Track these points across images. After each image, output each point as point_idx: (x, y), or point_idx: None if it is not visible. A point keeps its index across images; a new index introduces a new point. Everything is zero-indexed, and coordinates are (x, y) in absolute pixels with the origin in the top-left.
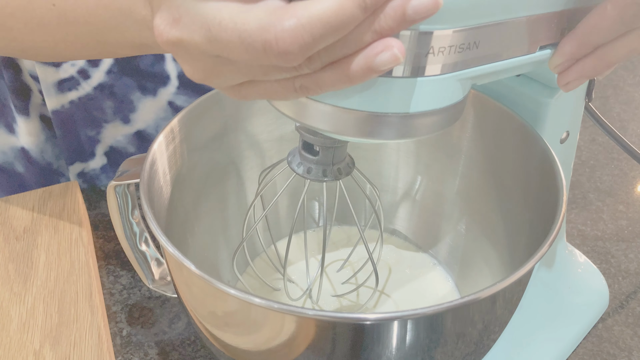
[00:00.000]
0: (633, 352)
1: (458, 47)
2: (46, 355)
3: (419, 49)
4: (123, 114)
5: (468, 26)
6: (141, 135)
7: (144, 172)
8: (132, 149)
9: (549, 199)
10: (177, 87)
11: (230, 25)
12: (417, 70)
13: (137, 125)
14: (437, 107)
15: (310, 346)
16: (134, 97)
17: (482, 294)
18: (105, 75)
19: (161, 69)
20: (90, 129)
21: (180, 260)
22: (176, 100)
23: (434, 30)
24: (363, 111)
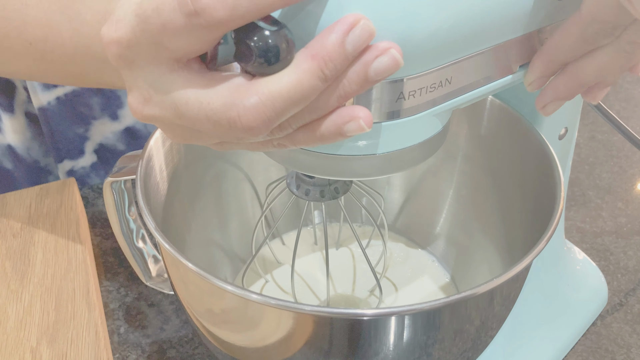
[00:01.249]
0: (632, 349)
1: (429, 88)
2: (43, 353)
3: (390, 95)
4: (111, 110)
5: (436, 67)
6: (131, 132)
7: (140, 169)
8: (122, 146)
9: (547, 194)
10: None
11: (196, 105)
12: (392, 114)
13: (125, 121)
14: (415, 143)
15: (307, 342)
16: (121, 92)
17: (480, 290)
18: None
19: None
20: (78, 126)
21: (176, 257)
22: None
23: (403, 77)
24: (342, 155)
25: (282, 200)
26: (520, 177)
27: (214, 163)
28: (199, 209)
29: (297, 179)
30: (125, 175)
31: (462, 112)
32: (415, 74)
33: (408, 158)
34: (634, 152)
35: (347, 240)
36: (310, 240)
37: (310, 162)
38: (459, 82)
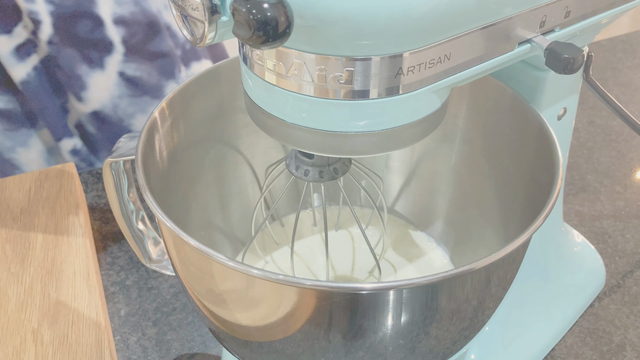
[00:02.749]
0: (629, 330)
1: (428, 64)
2: (44, 334)
3: (389, 71)
4: (74, 91)
5: (435, 42)
6: (99, 117)
7: (139, 148)
8: (92, 128)
9: (546, 174)
10: (124, 53)
11: None
12: (391, 90)
13: (92, 104)
14: (414, 120)
15: (307, 319)
16: (82, 72)
17: (477, 265)
18: (48, 46)
19: (102, 34)
20: (57, 98)
21: (176, 233)
22: (127, 70)
23: (402, 52)
24: (341, 132)
25: (282, 182)
26: (519, 158)
27: (214, 145)
28: (199, 190)
29: (296, 160)
30: (125, 156)
31: (461, 92)
32: (414, 49)
33: (407, 135)
34: (633, 137)
35: (347, 223)
36: (309, 222)
37: (308, 139)
38: (458, 59)
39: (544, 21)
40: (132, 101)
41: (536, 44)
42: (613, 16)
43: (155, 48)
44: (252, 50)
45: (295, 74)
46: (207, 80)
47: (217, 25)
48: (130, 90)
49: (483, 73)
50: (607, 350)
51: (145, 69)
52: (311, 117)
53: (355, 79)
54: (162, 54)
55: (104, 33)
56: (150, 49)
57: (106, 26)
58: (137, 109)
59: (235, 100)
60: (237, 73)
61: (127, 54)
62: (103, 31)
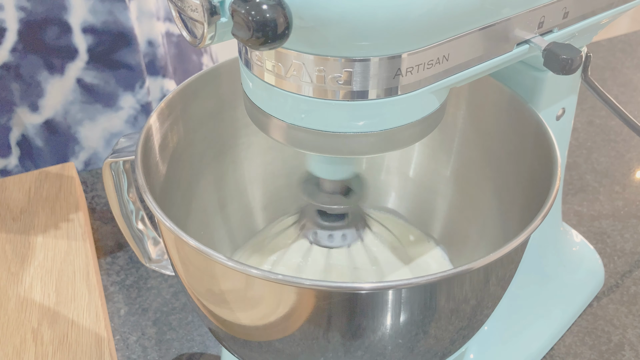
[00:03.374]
0: (627, 330)
1: (427, 64)
2: (44, 334)
3: (388, 72)
4: (31, 100)
5: (434, 44)
6: (50, 126)
7: (139, 148)
8: (40, 142)
9: (545, 174)
10: (87, 61)
11: None
12: (390, 91)
13: (45, 113)
14: (413, 120)
15: (306, 319)
16: (42, 78)
17: (475, 265)
18: (10, 54)
19: (68, 41)
20: (1, 115)
21: (176, 233)
22: (85, 77)
23: (401, 53)
24: (340, 133)
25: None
26: (517, 158)
27: (214, 145)
28: (199, 190)
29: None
30: (124, 156)
31: (459, 92)
32: (413, 50)
33: (406, 136)
34: (632, 137)
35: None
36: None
37: (308, 139)
38: (457, 59)
39: (542, 22)
40: (82, 107)
41: (534, 45)
42: (611, 17)
43: (120, 58)
44: (252, 51)
45: (294, 74)
46: (206, 81)
47: (216, 26)
48: (83, 97)
49: (482, 74)
50: (605, 350)
51: (103, 77)
52: (310, 118)
53: (354, 80)
54: (126, 65)
55: (70, 40)
56: (115, 58)
57: (74, 33)
58: (85, 115)
59: (235, 100)
60: (237, 73)
61: (90, 61)
62: (69, 38)
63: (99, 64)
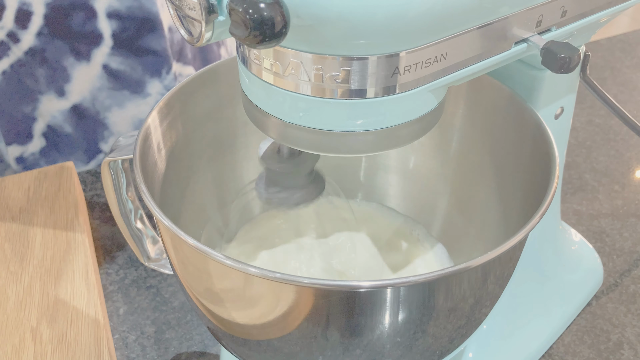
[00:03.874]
0: (626, 329)
1: (425, 63)
2: (43, 332)
3: (386, 70)
4: (57, 85)
5: (432, 42)
6: (78, 111)
7: (137, 146)
8: (69, 128)
9: (543, 172)
10: (112, 47)
11: None
12: (388, 89)
13: (72, 98)
14: (411, 119)
15: (305, 318)
16: (68, 63)
17: (473, 263)
18: (36, 38)
19: (93, 27)
20: (25, 104)
21: (174, 232)
22: (111, 63)
23: (399, 52)
24: (337, 131)
25: None
26: (516, 156)
27: (213, 144)
28: (198, 189)
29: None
30: (123, 155)
31: (458, 91)
32: (411, 49)
33: (404, 134)
34: (631, 136)
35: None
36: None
37: (306, 138)
38: (455, 58)
39: (541, 20)
40: (110, 94)
41: (533, 44)
42: (610, 15)
43: (146, 44)
44: (250, 50)
45: (292, 73)
46: (205, 80)
47: (214, 24)
48: (111, 83)
49: (480, 72)
50: (604, 349)
51: (130, 64)
52: (308, 116)
53: (352, 78)
54: (152, 51)
55: (95, 25)
56: (141, 44)
57: (99, 19)
58: (114, 102)
59: (234, 99)
60: (236, 72)
61: (115, 47)
62: (94, 23)
63: (124, 50)
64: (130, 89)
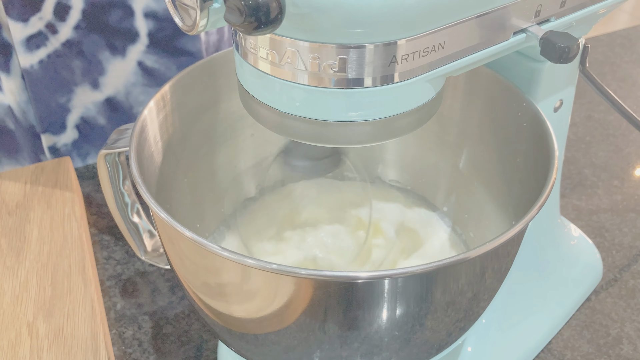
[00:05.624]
0: (625, 324)
1: (422, 52)
2: (40, 327)
3: (383, 59)
4: (92, 77)
5: (430, 30)
6: (111, 104)
7: (133, 139)
8: (103, 120)
9: (542, 164)
10: (147, 45)
11: None
12: (385, 79)
13: (106, 90)
14: (409, 109)
15: (303, 310)
16: (103, 57)
17: (472, 254)
18: (73, 30)
19: (130, 25)
20: (60, 94)
21: (171, 225)
22: (146, 60)
23: (396, 40)
24: (334, 122)
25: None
26: (515, 149)
27: (209, 137)
28: (194, 182)
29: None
30: (120, 147)
31: (456, 83)
32: (409, 37)
33: (402, 124)
34: (631, 131)
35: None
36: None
37: (302, 129)
38: (453, 47)
39: (539, 10)
40: (144, 90)
41: (531, 34)
42: (609, 7)
43: (181, 45)
44: (245, 39)
45: (288, 62)
46: (201, 73)
47: (208, 12)
48: (145, 79)
49: (478, 63)
50: (603, 344)
51: (164, 63)
52: (305, 106)
53: (349, 67)
54: (187, 52)
55: (132, 23)
56: (176, 45)
57: (136, 17)
58: (148, 98)
59: (231, 92)
60: (232, 65)
61: (151, 45)
62: (131, 21)
63: (159, 49)
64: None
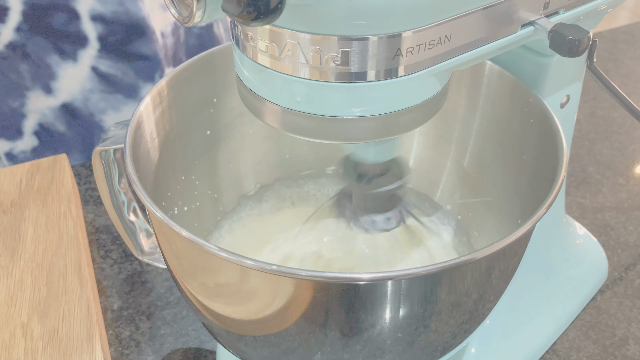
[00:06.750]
0: (632, 324)
1: (428, 44)
2: (34, 328)
3: (387, 52)
4: (43, 82)
5: (436, 22)
6: (69, 110)
7: (129, 135)
8: (62, 127)
9: (549, 161)
10: (99, 49)
11: None
12: (389, 72)
13: (61, 96)
14: (413, 104)
15: (303, 312)
16: (52, 61)
17: (478, 255)
18: (15, 33)
19: (77, 28)
20: (12, 99)
21: (167, 224)
22: (100, 66)
23: (401, 32)
24: (337, 117)
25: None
26: (521, 146)
27: (207, 134)
28: (192, 181)
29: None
30: (114, 144)
31: (460, 79)
32: (414, 29)
33: (406, 120)
34: (635, 128)
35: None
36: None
37: (303, 124)
38: (459, 40)
39: (548, 2)
40: (103, 97)
41: (540, 27)
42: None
43: (136, 50)
44: (244, 32)
45: (288, 55)
46: (199, 68)
47: (205, 2)
48: (102, 85)
49: (485, 56)
50: (609, 344)
51: (120, 68)
52: (306, 101)
53: (351, 60)
54: (142, 56)
55: (79, 27)
56: (130, 49)
57: (82, 21)
58: (108, 105)
59: (229, 88)
60: (231, 60)
61: (103, 50)
62: (78, 25)
63: (113, 54)
64: (124, 93)
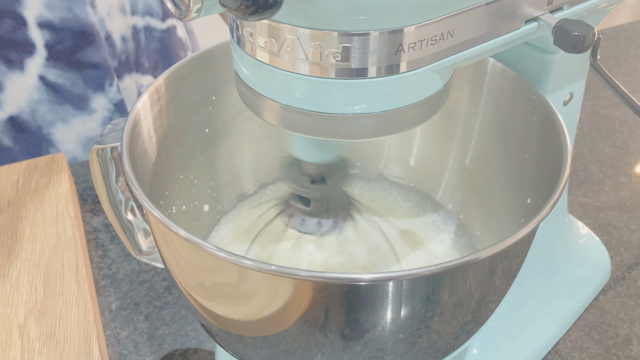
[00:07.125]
0: (635, 324)
1: (430, 40)
2: (31, 329)
3: (389, 48)
4: None
5: (438, 17)
6: (16, 123)
7: (126, 133)
8: (9, 141)
9: (552, 159)
10: (46, 58)
11: None
12: (391, 68)
13: (8, 109)
14: (415, 101)
15: (303, 313)
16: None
17: (481, 255)
18: None
19: (24, 36)
20: None
21: (165, 224)
22: (48, 75)
23: (403, 27)
24: (337, 114)
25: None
26: (524, 144)
27: (206, 132)
28: (190, 179)
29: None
30: (112, 142)
31: (463, 76)
32: (416, 24)
33: (407, 118)
34: (637, 127)
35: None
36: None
37: (303, 122)
38: (462, 36)
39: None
40: (52, 108)
41: (544, 22)
42: None
43: (85, 58)
44: (243, 27)
45: (288, 51)
46: (198, 64)
47: None
48: (51, 96)
49: (488, 52)
50: (612, 345)
51: (69, 77)
52: (306, 98)
53: (352, 56)
54: (91, 64)
55: (26, 34)
56: (79, 57)
57: (29, 27)
58: (57, 117)
59: (228, 86)
60: (230, 57)
61: (50, 58)
62: (25, 32)
63: (61, 62)
64: (73, 104)
